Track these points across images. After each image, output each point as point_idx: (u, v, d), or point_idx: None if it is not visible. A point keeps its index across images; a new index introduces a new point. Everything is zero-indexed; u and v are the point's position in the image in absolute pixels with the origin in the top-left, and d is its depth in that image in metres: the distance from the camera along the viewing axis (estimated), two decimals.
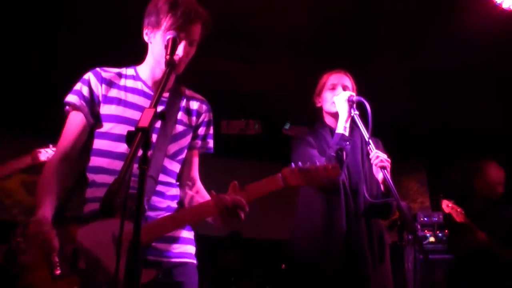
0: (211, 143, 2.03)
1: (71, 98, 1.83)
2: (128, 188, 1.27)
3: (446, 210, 3.84)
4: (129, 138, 1.28)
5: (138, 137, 1.26)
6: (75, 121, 1.83)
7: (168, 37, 1.70)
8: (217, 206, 1.67)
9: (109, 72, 1.90)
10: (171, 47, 1.66)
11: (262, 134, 5.81)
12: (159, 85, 1.50)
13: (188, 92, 2.02)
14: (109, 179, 1.55)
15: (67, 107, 1.85)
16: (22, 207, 5.83)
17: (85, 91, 1.83)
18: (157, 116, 1.36)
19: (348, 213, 2.47)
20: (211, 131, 2.03)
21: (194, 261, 1.89)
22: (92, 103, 1.83)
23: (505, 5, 3.64)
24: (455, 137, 6.27)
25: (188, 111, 1.97)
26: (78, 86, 1.85)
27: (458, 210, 3.78)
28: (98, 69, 1.89)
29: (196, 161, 2.01)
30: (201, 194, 1.94)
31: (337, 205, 2.46)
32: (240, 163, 6.18)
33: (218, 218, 1.73)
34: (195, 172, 2.00)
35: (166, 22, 1.78)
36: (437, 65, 4.68)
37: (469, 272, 3.86)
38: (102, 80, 1.85)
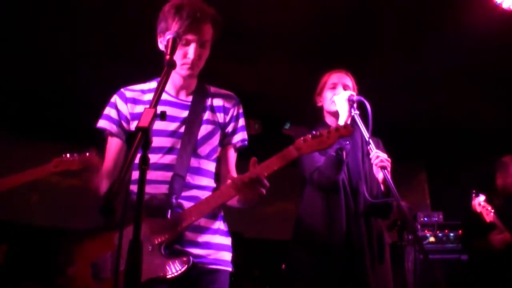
0: (242, 135, 2.02)
1: (102, 123, 1.91)
2: (128, 188, 1.27)
3: (478, 209, 3.65)
4: (129, 139, 1.28)
5: (138, 137, 1.26)
6: (111, 144, 1.92)
7: (168, 37, 1.68)
8: (235, 185, 1.69)
9: (132, 91, 1.95)
10: (171, 47, 1.65)
11: (262, 134, 5.81)
12: (159, 85, 1.50)
13: (213, 89, 2.02)
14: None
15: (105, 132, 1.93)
16: (26, 206, 5.82)
17: (113, 114, 1.90)
18: (157, 116, 1.36)
19: (348, 213, 2.47)
20: (241, 123, 2.03)
21: (229, 269, 1.89)
22: (121, 123, 1.89)
23: (505, 5, 3.64)
24: (455, 137, 6.27)
25: (215, 109, 1.97)
26: (106, 110, 1.92)
27: (489, 209, 3.61)
28: (122, 90, 1.94)
29: (231, 156, 2.01)
30: None
31: (337, 205, 2.46)
32: (240, 163, 6.18)
33: (240, 198, 1.75)
34: (232, 167, 1.99)
35: (173, 26, 1.79)
36: (437, 65, 4.68)
37: (492, 273, 3.75)
38: (126, 100, 1.91)
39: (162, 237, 1.69)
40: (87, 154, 3.55)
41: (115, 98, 1.93)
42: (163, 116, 1.40)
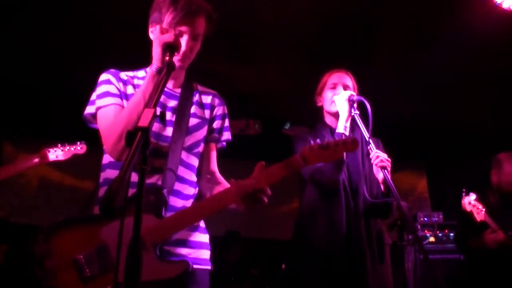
0: (227, 135, 2.01)
1: (107, 101, 1.78)
2: (128, 187, 1.26)
3: (468, 208, 3.57)
4: (128, 138, 1.27)
5: (137, 136, 1.26)
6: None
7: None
8: (238, 192, 1.66)
9: (123, 72, 1.90)
10: (171, 49, 1.66)
11: (262, 134, 5.81)
12: (158, 85, 1.50)
13: (200, 87, 2.02)
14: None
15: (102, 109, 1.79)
16: (26, 206, 5.82)
17: (112, 89, 1.81)
18: (157, 116, 1.36)
19: (348, 213, 2.47)
20: (227, 123, 2.02)
21: (208, 267, 1.86)
22: (121, 97, 1.81)
23: (505, 5, 3.64)
24: (455, 137, 6.27)
25: (201, 105, 1.97)
26: (102, 88, 1.81)
27: (479, 208, 3.54)
28: (112, 70, 1.89)
29: (214, 154, 1.99)
30: (222, 184, 1.92)
31: (337, 205, 2.46)
32: (240, 163, 6.18)
33: (241, 204, 1.71)
34: (214, 165, 1.98)
35: (167, 17, 1.79)
36: (437, 65, 4.68)
37: (487, 274, 3.69)
38: (119, 79, 1.86)
39: (157, 238, 1.63)
40: (77, 144, 3.57)
41: (108, 76, 1.84)
42: (162, 117, 1.39)
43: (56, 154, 3.55)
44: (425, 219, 5.37)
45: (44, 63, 4.83)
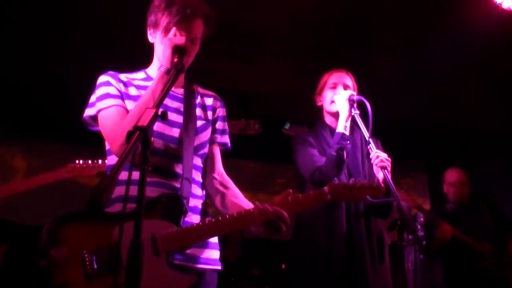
0: (227, 138, 2.02)
1: (107, 103, 1.76)
2: (129, 187, 1.25)
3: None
4: (128, 138, 1.27)
5: (135, 135, 1.25)
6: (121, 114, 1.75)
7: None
8: (260, 217, 1.68)
9: (122, 74, 1.89)
10: (179, 53, 1.68)
11: (262, 134, 5.80)
12: (164, 86, 1.52)
13: (200, 89, 2.02)
14: (136, 175, 1.33)
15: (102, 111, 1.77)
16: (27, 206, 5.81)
17: (112, 90, 1.79)
18: (158, 116, 1.36)
19: (348, 213, 2.47)
20: (226, 127, 2.03)
21: (217, 267, 1.85)
22: (123, 98, 1.79)
23: (505, 5, 3.63)
24: (456, 137, 6.27)
25: (204, 107, 1.96)
26: (102, 90, 1.79)
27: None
28: (111, 72, 1.87)
29: (218, 155, 1.98)
30: (234, 192, 1.91)
31: (337, 205, 2.47)
32: (240, 163, 6.18)
33: (260, 227, 1.72)
34: (220, 166, 1.97)
35: (163, 21, 1.78)
36: (437, 65, 4.68)
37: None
38: (119, 80, 1.84)
39: (172, 247, 1.61)
40: (100, 161, 3.60)
41: (107, 78, 1.81)
42: (164, 117, 1.38)
43: (80, 170, 3.57)
44: None
45: (40, 62, 4.83)
